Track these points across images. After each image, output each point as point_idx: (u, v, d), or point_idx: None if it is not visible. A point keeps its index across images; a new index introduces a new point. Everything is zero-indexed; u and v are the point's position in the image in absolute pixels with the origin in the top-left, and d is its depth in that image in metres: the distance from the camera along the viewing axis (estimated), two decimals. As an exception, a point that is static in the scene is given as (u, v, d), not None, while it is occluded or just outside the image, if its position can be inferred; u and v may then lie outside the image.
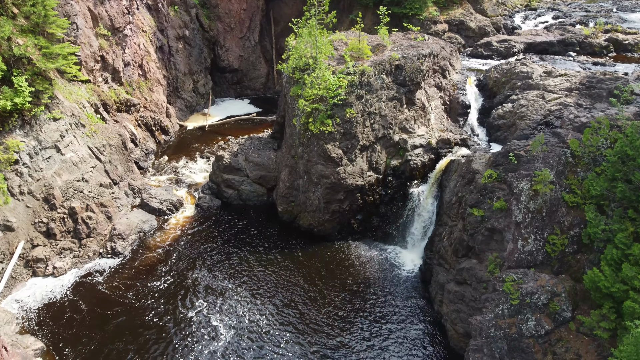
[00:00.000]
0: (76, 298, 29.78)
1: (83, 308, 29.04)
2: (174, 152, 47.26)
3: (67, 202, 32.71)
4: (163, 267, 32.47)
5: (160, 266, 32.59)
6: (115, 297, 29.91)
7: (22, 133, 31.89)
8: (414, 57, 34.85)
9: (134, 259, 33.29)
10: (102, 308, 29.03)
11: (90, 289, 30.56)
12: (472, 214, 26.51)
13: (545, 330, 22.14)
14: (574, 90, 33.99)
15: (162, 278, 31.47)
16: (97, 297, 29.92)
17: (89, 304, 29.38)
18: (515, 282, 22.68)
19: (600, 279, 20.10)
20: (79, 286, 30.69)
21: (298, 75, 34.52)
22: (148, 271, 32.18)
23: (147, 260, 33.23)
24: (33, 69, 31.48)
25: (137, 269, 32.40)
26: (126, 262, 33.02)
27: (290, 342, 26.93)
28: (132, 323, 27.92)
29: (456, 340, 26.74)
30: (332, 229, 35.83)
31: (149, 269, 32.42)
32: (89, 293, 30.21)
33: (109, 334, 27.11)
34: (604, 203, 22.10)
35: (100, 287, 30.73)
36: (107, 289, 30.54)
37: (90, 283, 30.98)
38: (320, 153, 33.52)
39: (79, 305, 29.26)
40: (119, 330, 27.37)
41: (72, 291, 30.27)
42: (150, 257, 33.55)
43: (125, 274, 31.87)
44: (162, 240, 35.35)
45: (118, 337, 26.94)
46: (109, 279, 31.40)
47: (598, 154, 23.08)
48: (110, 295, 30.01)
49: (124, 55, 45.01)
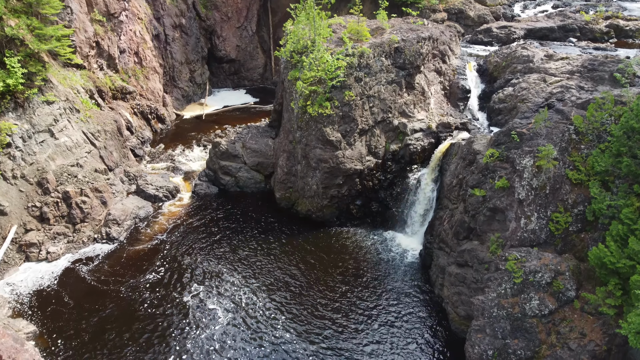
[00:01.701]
0: (70, 283, 29.21)
1: (77, 293, 28.47)
2: (170, 141, 46.65)
3: (61, 186, 32.12)
4: (159, 253, 31.91)
5: (156, 252, 32.03)
6: (110, 282, 29.33)
7: (15, 116, 31.27)
8: (414, 40, 34.33)
9: (129, 245, 32.72)
10: (96, 293, 28.46)
11: (84, 274, 29.97)
12: (473, 195, 26.02)
13: (549, 310, 21.66)
14: (576, 73, 33.52)
15: (158, 263, 30.91)
16: (91, 282, 29.35)
17: (84, 288, 28.82)
18: (519, 261, 22.20)
19: (606, 255, 19.63)
20: (73, 271, 30.10)
21: (296, 58, 33.97)
22: (143, 256, 31.62)
23: (143, 246, 32.66)
24: (26, 50, 30.88)
25: (132, 254, 31.83)
26: (121, 247, 32.44)
27: (288, 326, 26.42)
28: (127, 308, 27.36)
29: (457, 323, 26.26)
30: (330, 214, 35.31)
31: (145, 254, 31.85)
32: (83, 278, 29.62)
33: (103, 319, 26.55)
34: (609, 179, 21.64)
35: (94, 272, 30.15)
36: (101, 274, 29.96)
37: (84, 268, 30.40)
38: (318, 137, 32.99)
39: (73, 290, 28.69)
40: (113, 315, 26.81)
41: (66, 276, 29.69)
42: (146, 243, 32.98)
43: (120, 259, 31.30)
44: (158, 227, 34.79)
45: (113, 321, 26.39)
46: (104, 264, 30.82)
47: (602, 130, 22.60)
48: (105, 280, 29.43)
49: (119, 42, 44.41)
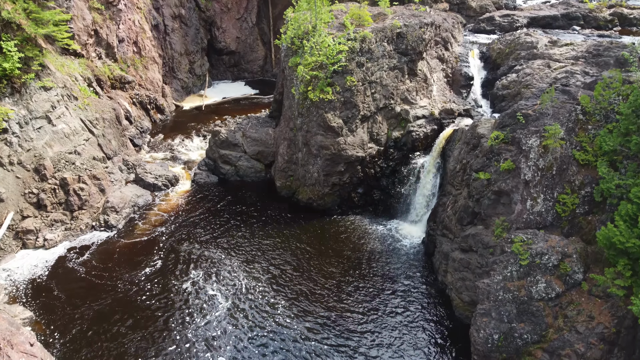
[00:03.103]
0: (68, 270, 28.74)
1: (75, 280, 28.00)
2: (169, 131, 46.20)
3: (58, 173, 31.65)
4: (158, 241, 31.43)
5: (155, 240, 31.56)
6: (108, 269, 28.87)
7: (12, 101, 30.81)
8: (416, 26, 33.84)
9: (127, 233, 32.25)
10: (94, 280, 27.97)
11: (82, 261, 29.51)
12: (477, 179, 25.53)
13: (555, 293, 21.18)
14: (580, 59, 33.03)
15: (157, 251, 30.44)
16: (89, 269, 28.87)
17: (81, 276, 28.35)
18: (525, 243, 21.73)
19: (615, 234, 19.13)
20: (70, 258, 29.63)
21: (297, 43, 33.50)
22: (142, 244, 31.15)
23: (141, 234, 32.19)
24: (23, 34, 30.42)
25: (130, 242, 31.36)
26: (119, 235, 31.98)
27: (289, 313, 25.96)
28: (125, 295, 26.88)
29: (461, 309, 25.80)
30: (332, 202, 34.85)
31: (143, 242, 31.38)
32: (81, 265, 29.15)
33: (101, 306, 26.06)
34: (617, 159, 21.16)
35: (92, 259, 29.69)
36: (99, 262, 29.49)
37: (82, 255, 29.93)
38: (319, 123, 32.52)
39: (70, 277, 28.21)
40: (112, 303, 26.32)
41: (63, 263, 29.22)
42: (145, 231, 32.51)
43: (118, 247, 30.83)
44: (157, 215, 34.32)
45: (111, 309, 25.89)
46: (102, 252, 30.36)
47: (610, 110, 22.13)
48: (103, 268, 28.96)
49: (118, 31, 43.95)
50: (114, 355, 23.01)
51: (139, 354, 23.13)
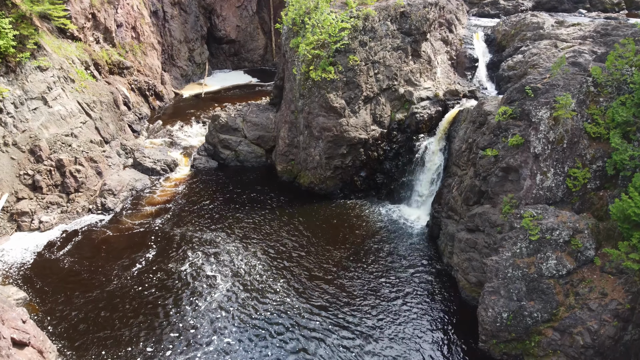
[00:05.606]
0: (63, 253, 28.02)
1: (70, 263, 27.28)
2: (169, 118, 45.45)
3: (54, 154, 30.93)
4: (156, 224, 30.72)
5: (153, 223, 30.84)
6: (104, 252, 28.15)
7: (6, 81, 30.09)
8: (420, 5, 33.03)
9: (125, 216, 31.54)
10: (90, 263, 27.27)
11: (78, 244, 28.80)
12: (485, 156, 24.77)
13: (566, 270, 20.46)
14: (588, 39, 32.24)
15: (155, 234, 29.72)
16: (85, 252, 28.16)
17: (77, 259, 27.62)
18: (535, 218, 21.00)
19: (630, 206, 18.40)
20: (66, 241, 28.91)
21: (298, 22, 32.76)
22: (139, 228, 30.43)
23: (139, 217, 31.47)
24: (17, 11, 29.71)
25: (128, 225, 30.65)
26: (117, 218, 31.26)
27: (292, 294, 25.26)
28: (122, 278, 26.16)
29: (468, 290, 25.06)
30: (334, 186, 34.12)
31: (141, 225, 30.66)
32: (76, 248, 28.45)
33: (96, 289, 25.33)
34: (630, 130, 20.40)
35: (88, 242, 28.97)
36: (96, 245, 28.78)
37: (78, 238, 29.22)
38: (321, 104, 31.79)
39: (66, 260, 27.50)
40: (108, 285, 25.61)
41: (58, 246, 28.51)
42: (143, 214, 31.79)
43: (115, 230, 30.11)
44: (155, 199, 33.61)
45: (108, 291, 25.17)
46: (99, 235, 29.64)
47: (622, 81, 21.36)
48: (99, 251, 28.25)
49: (116, 15, 43.23)
50: (111, 337, 22.28)
51: (137, 335, 22.40)
